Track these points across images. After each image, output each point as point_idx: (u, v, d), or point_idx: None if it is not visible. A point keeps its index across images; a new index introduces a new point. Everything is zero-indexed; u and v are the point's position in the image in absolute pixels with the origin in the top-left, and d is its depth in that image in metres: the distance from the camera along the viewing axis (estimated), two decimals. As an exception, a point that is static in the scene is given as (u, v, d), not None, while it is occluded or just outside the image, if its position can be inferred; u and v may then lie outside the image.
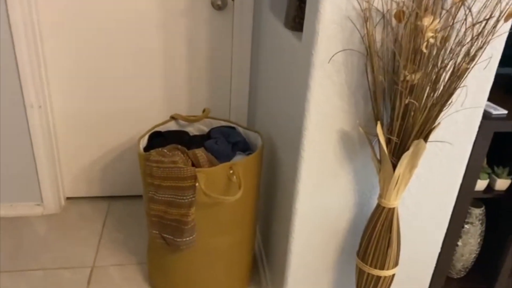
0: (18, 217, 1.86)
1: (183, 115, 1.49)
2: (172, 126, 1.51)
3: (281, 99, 1.33)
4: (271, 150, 1.46)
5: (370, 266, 1.12)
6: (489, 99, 1.29)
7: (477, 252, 1.47)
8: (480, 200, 1.47)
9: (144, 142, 1.39)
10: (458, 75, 0.91)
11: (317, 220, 1.20)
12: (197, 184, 1.20)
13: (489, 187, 1.40)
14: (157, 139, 1.41)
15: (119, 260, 1.64)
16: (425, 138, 0.97)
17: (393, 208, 1.07)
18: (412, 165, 0.99)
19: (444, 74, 0.91)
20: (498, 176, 1.38)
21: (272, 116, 1.48)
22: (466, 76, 0.92)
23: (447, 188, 1.21)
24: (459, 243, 1.45)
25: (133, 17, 1.68)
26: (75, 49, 1.70)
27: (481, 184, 1.38)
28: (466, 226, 1.43)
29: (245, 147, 1.41)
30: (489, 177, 1.40)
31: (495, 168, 1.39)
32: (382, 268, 1.12)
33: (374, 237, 1.10)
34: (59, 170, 1.90)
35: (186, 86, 1.83)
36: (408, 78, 0.91)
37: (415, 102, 0.92)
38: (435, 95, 0.93)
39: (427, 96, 0.93)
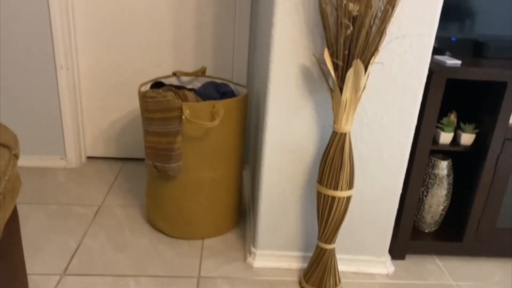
0: (44, 168, 2.12)
1: (183, 71, 1.71)
2: (174, 82, 1.73)
3: (260, 47, 1.52)
4: (257, 105, 1.64)
5: (326, 187, 1.26)
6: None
7: (445, 205, 1.56)
8: (449, 154, 1.58)
9: (146, 88, 1.61)
10: (392, 4, 1.07)
11: (285, 151, 1.36)
12: (183, 117, 1.40)
13: (456, 142, 1.51)
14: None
15: (123, 202, 1.85)
16: (369, 63, 1.13)
17: (345, 133, 1.22)
18: (356, 87, 1.14)
19: (379, 3, 1.08)
20: (463, 130, 1.49)
21: (258, 70, 1.67)
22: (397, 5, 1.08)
23: (403, 128, 1.34)
24: (427, 194, 1.55)
25: (150, -6, 1.95)
26: (100, 19, 1.98)
27: (446, 137, 1.49)
28: (432, 177, 1.53)
29: (233, 97, 1.60)
30: (456, 133, 1.51)
31: (461, 124, 1.50)
32: (336, 189, 1.25)
33: (329, 160, 1.25)
34: (82, 129, 2.16)
35: (193, 55, 2.06)
36: (350, 8, 1.08)
37: (349, 25, 1.08)
38: (375, 22, 1.09)
39: (367, 26, 1.09)
